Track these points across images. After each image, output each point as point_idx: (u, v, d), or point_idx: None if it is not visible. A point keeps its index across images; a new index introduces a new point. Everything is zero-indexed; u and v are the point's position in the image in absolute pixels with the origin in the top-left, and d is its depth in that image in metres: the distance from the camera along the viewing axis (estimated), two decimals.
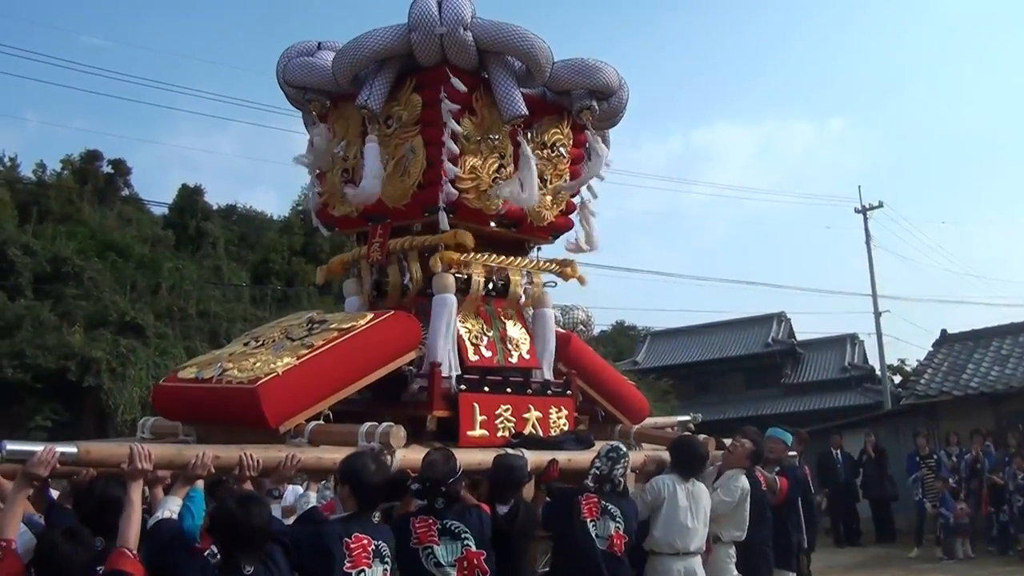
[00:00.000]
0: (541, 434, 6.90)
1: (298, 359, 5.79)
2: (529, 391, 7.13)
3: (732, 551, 7.13)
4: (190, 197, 34.78)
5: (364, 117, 6.98)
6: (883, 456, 17.47)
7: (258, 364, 5.79)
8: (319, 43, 7.42)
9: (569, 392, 7.49)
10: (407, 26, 6.62)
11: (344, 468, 4.79)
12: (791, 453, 9.20)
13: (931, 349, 21.97)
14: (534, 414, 6.99)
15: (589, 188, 7.82)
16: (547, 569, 6.54)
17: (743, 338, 41.89)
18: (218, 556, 4.01)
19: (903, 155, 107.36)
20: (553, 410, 7.15)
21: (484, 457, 5.96)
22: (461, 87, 6.64)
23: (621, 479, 6.22)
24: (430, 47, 6.59)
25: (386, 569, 4.54)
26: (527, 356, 7.25)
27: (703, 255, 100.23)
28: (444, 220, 6.71)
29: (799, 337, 42.25)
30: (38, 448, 4.14)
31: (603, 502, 6.04)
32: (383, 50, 6.69)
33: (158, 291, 25.66)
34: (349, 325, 6.31)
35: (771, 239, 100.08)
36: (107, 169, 36.91)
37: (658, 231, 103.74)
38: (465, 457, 5.68)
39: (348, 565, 4.41)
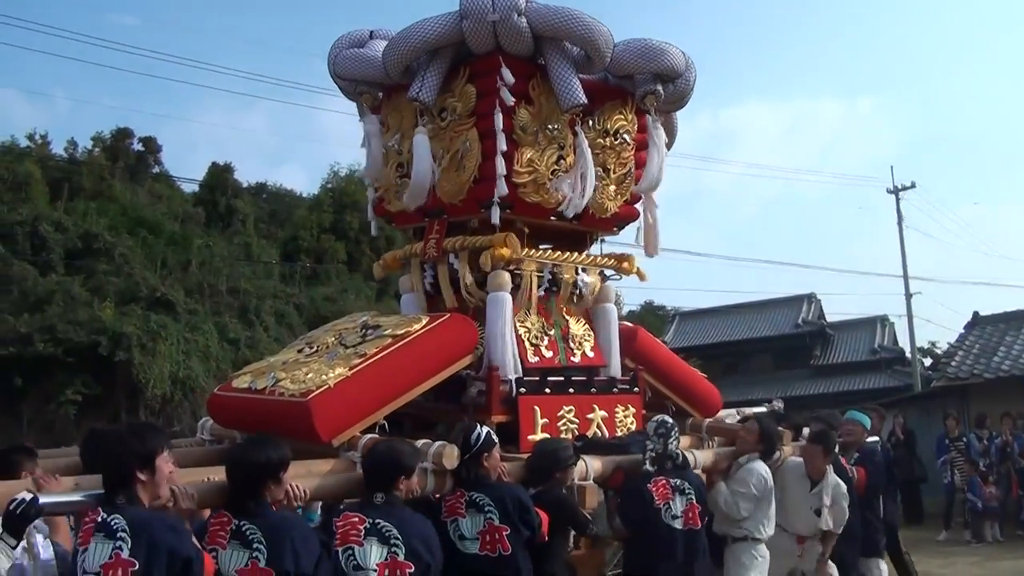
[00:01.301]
0: (607, 434, 6.68)
1: (350, 369, 5.61)
2: (593, 390, 6.81)
3: (757, 550, 6.63)
4: (220, 175, 34.97)
5: (417, 110, 6.69)
6: (912, 438, 17.32)
7: (310, 375, 5.64)
8: (371, 32, 7.18)
9: (636, 389, 7.17)
10: (458, 13, 6.32)
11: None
12: (871, 439, 8.71)
13: (962, 331, 21.76)
14: (599, 414, 6.72)
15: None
16: (619, 571, 6.43)
17: (773, 319, 41.73)
18: None
19: (934, 135, 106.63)
20: (619, 408, 6.87)
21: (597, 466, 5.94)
22: (510, 78, 6.34)
23: (678, 451, 6.06)
24: (483, 35, 6.26)
25: (393, 551, 4.35)
26: (591, 354, 6.94)
27: (732, 235, 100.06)
28: (496, 215, 6.42)
29: (829, 318, 42.05)
30: (74, 497, 4.05)
31: (672, 481, 5.87)
32: (434, 40, 6.38)
33: (188, 267, 25.85)
34: (403, 331, 6.09)
35: (801, 219, 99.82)
36: (138, 147, 37.22)
37: (687, 210, 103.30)
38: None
39: (336, 543, 4.38)
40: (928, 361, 38.68)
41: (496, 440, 5.29)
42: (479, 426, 5.28)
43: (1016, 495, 15.22)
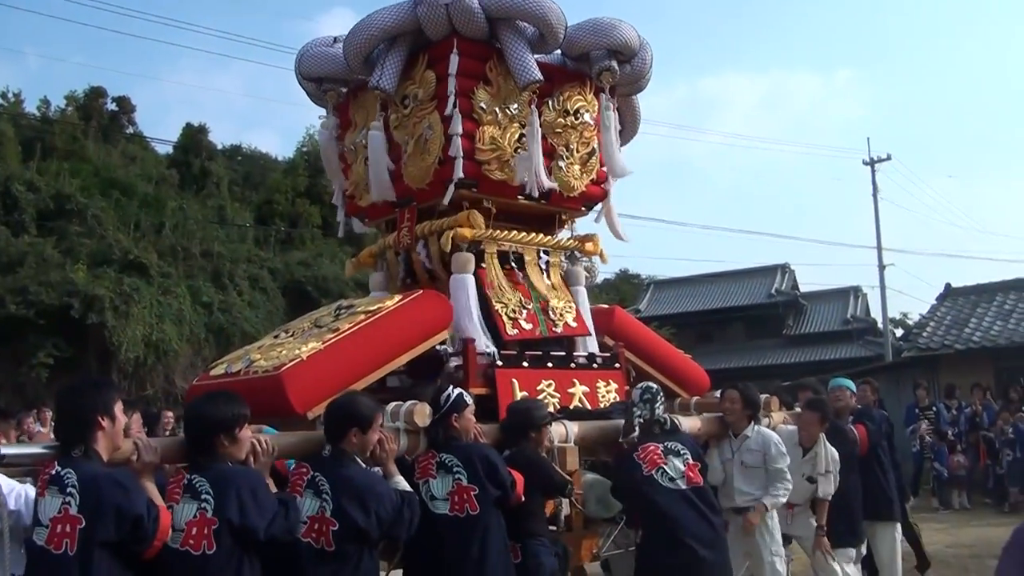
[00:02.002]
0: (589, 408, 6.69)
1: (323, 343, 5.64)
2: (573, 365, 6.88)
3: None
4: (194, 136, 34.64)
5: (380, 102, 6.83)
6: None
7: (284, 352, 5.65)
8: (335, 37, 7.24)
9: (617, 365, 7.20)
10: (413, 0, 6.47)
11: None
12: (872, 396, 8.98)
13: (934, 303, 22.00)
14: (580, 388, 6.77)
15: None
16: (616, 551, 6.47)
17: (746, 288, 41.98)
18: None
19: (910, 109, 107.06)
20: (601, 384, 6.91)
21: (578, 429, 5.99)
22: (454, 68, 6.46)
23: (666, 416, 5.99)
24: (437, 19, 6.40)
25: (323, 506, 4.33)
26: (574, 324, 6.97)
27: (709, 204, 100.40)
28: (449, 194, 6.50)
29: (802, 288, 42.35)
30: (35, 449, 4.12)
31: (663, 444, 5.77)
32: (391, 27, 6.53)
33: (162, 230, 25.65)
34: (376, 307, 6.16)
35: (777, 190, 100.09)
36: (111, 106, 36.81)
37: (663, 179, 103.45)
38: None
39: (289, 488, 4.47)
40: (900, 332, 39.06)
41: (469, 401, 5.26)
42: (451, 387, 5.28)
43: (984, 464, 15.45)
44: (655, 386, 6.19)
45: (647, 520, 5.84)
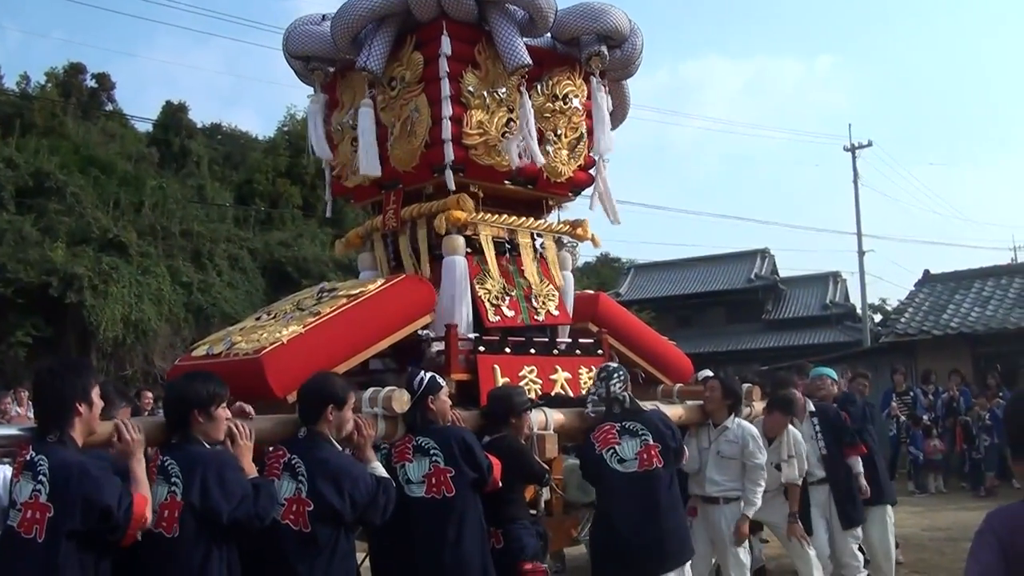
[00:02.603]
0: (572, 395, 6.70)
1: (304, 327, 5.64)
2: (556, 351, 6.92)
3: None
4: (174, 114, 34.43)
5: (368, 82, 6.82)
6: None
7: (264, 335, 5.64)
8: (323, 15, 7.22)
9: (600, 352, 7.22)
10: None
11: None
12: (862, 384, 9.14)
13: (913, 289, 22.10)
14: (562, 375, 6.79)
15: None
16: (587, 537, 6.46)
17: (726, 273, 42.09)
18: None
19: (892, 96, 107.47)
20: (583, 370, 6.92)
21: (558, 417, 5.99)
22: (448, 49, 6.45)
23: (624, 394, 5.93)
24: (426, 1, 6.39)
25: (299, 487, 4.35)
26: (556, 312, 7.00)
27: (690, 189, 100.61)
28: (451, 179, 6.50)
29: (782, 274, 42.51)
30: (11, 431, 4.11)
31: (620, 424, 5.76)
32: (379, 8, 6.48)
33: (141, 209, 25.49)
34: (358, 291, 6.17)
35: (758, 175, 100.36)
36: (91, 83, 36.51)
37: (644, 163, 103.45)
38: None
39: (266, 471, 4.48)
40: (878, 317, 39.24)
41: (442, 384, 5.28)
42: (423, 371, 5.28)
43: (960, 449, 15.58)
44: (612, 364, 6.21)
45: (596, 499, 5.96)
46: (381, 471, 4.73)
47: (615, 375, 5.98)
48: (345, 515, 4.40)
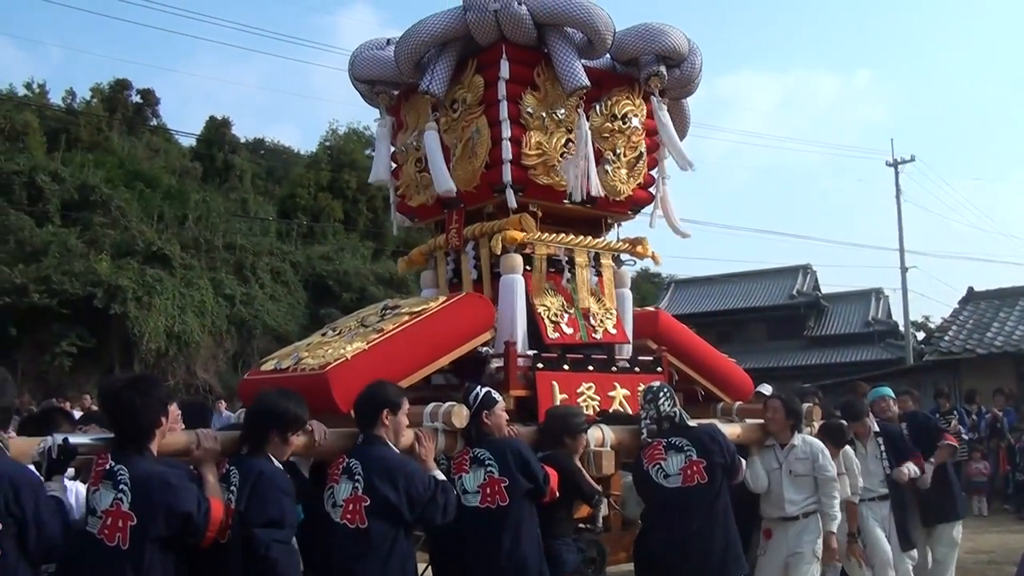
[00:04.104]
0: (630, 412, 6.65)
1: (368, 343, 5.74)
2: (614, 368, 6.90)
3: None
4: (218, 129, 34.90)
5: (431, 105, 6.93)
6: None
7: (330, 351, 5.76)
8: (388, 39, 7.35)
9: (659, 369, 7.17)
10: (462, 7, 6.56)
11: None
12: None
13: (957, 306, 21.85)
14: (621, 392, 6.77)
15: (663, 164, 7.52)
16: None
17: (768, 289, 41.77)
18: None
19: (932, 110, 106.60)
20: (642, 388, 6.64)
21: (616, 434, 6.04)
22: (506, 73, 6.53)
23: (674, 411, 5.91)
24: (486, 25, 6.48)
25: (355, 486, 4.47)
26: (613, 331, 7.00)
27: (727, 204, 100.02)
28: (511, 198, 6.58)
29: (824, 290, 42.12)
30: (105, 435, 4.18)
31: (667, 440, 5.75)
32: (441, 34, 6.62)
33: (185, 222, 25.83)
34: (420, 308, 6.25)
35: (797, 190, 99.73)
36: (136, 98, 37.00)
37: (678, 177, 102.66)
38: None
39: (328, 480, 4.62)
40: (921, 335, 38.85)
41: (497, 399, 5.35)
42: (478, 386, 5.36)
43: (1005, 470, 15.31)
44: (655, 384, 6.16)
45: (643, 514, 5.96)
46: (441, 476, 4.83)
47: (661, 394, 5.96)
48: (402, 511, 4.48)
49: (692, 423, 6.04)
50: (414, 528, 4.70)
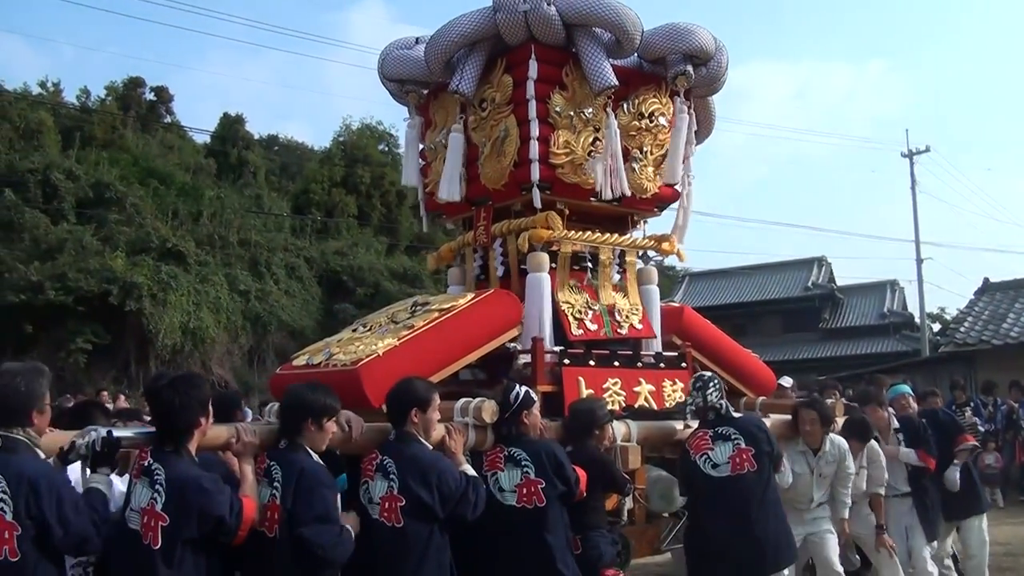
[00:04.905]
0: (655, 407, 6.78)
1: (399, 340, 5.83)
2: (640, 364, 6.96)
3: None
4: (231, 126, 34.93)
5: (459, 104, 7.04)
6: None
7: (361, 347, 5.87)
8: (416, 38, 7.49)
9: (684, 364, 7.26)
10: (492, 7, 6.62)
11: None
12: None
13: (972, 297, 21.80)
14: (646, 387, 6.83)
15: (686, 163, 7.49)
16: (676, 545, 6.46)
17: (783, 281, 41.70)
18: None
19: (946, 100, 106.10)
20: (667, 383, 6.96)
21: (641, 429, 6.10)
22: (535, 72, 6.60)
23: (721, 402, 5.95)
24: (515, 25, 6.54)
25: (390, 485, 4.55)
26: (639, 326, 7.08)
27: (742, 195, 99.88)
28: (537, 197, 6.63)
29: (839, 282, 42.03)
30: (148, 429, 4.29)
31: (713, 430, 5.83)
32: (471, 34, 6.70)
33: (199, 219, 25.89)
34: (449, 305, 6.33)
35: (811, 181, 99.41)
36: (149, 96, 37.08)
37: (696, 170, 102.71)
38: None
39: (362, 475, 4.73)
40: (937, 327, 38.71)
41: (535, 398, 5.42)
42: (518, 385, 5.42)
43: (1020, 462, 15.26)
44: (707, 374, 6.23)
45: (689, 504, 6.01)
46: (471, 471, 4.91)
47: (711, 384, 6.01)
48: (435, 509, 4.58)
49: (737, 414, 6.11)
50: (448, 523, 4.73)
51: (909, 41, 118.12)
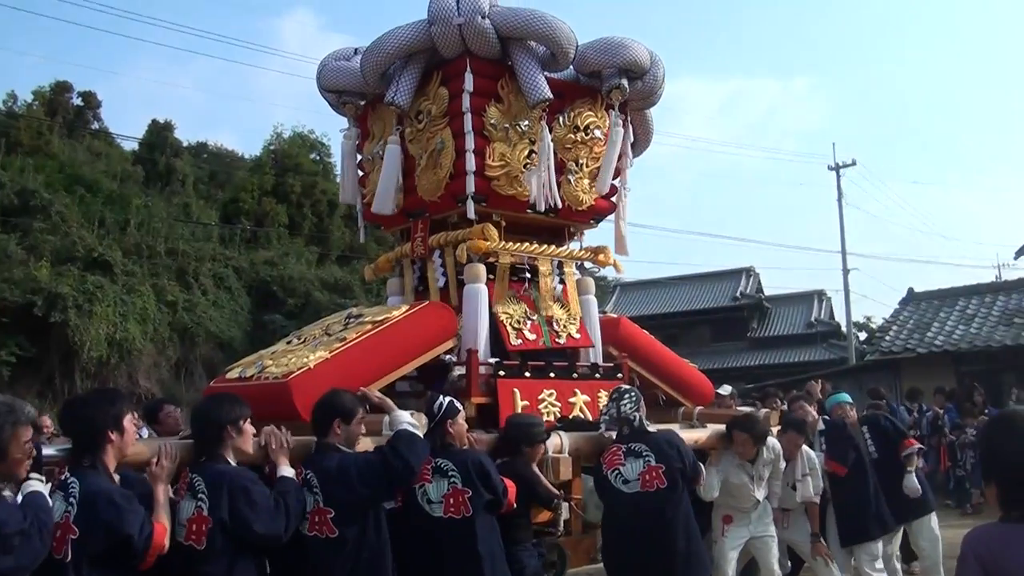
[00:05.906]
0: (590, 418, 6.80)
1: (330, 353, 5.83)
2: (575, 375, 7.03)
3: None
4: (160, 133, 34.44)
5: (396, 116, 7.08)
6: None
7: (294, 360, 5.84)
8: (355, 49, 7.51)
9: (619, 375, 7.31)
10: (427, 20, 6.66)
11: None
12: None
13: (897, 307, 22.21)
14: (581, 398, 6.90)
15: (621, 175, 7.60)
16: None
17: (712, 291, 42.20)
18: None
19: (871, 115, 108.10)
20: (603, 393, 6.91)
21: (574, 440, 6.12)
22: (470, 86, 6.66)
23: (634, 414, 5.96)
24: (450, 39, 6.62)
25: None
26: (577, 335, 7.09)
27: (671, 207, 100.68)
28: (471, 208, 6.70)
29: (767, 292, 42.59)
30: (67, 446, 4.26)
31: (626, 445, 5.85)
32: (406, 46, 6.75)
33: (126, 228, 25.46)
34: (383, 318, 6.33)
35: (740, 194, 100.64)
36: (77, 101, 36.42)
37: (631, 181, 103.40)
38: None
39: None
40: (863, 335, 39.37)
41: (459, 408, 5.43)
42: (441, 396, 5.45)
43: (945, 467, 15.55)
44: (626, 386, 6.32)
45: (603, 519, 6.05)
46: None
47: (626, 396, 6.07)
48: (364, 502, 4.67)
49: (652, 428, 6.14)
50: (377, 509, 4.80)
51: (832, 57, 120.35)
